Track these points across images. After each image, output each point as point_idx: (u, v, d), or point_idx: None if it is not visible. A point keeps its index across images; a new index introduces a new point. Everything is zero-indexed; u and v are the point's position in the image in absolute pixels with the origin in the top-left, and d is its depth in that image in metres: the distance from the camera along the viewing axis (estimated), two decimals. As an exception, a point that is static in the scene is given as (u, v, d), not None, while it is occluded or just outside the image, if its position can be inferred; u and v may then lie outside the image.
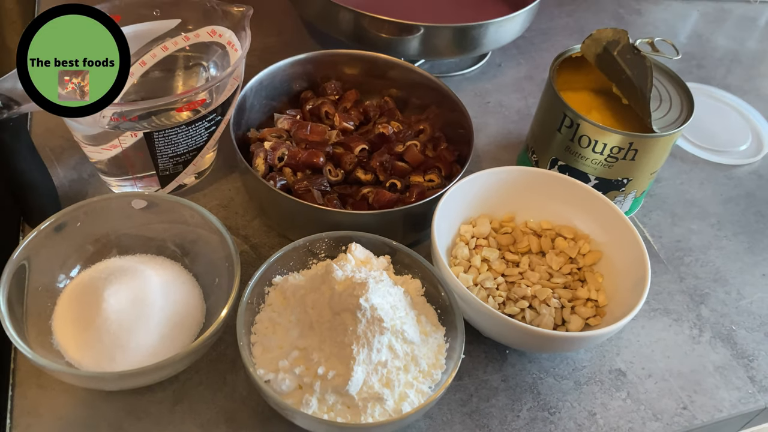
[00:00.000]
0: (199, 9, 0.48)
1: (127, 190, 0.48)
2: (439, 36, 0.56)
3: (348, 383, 0.35)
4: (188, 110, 0.43)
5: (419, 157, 0.48)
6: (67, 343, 0.38)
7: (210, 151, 0.48)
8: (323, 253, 0.42)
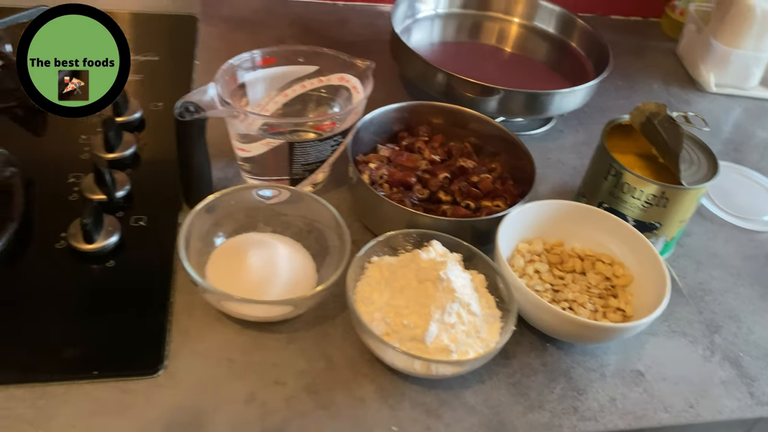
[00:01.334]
0: (333, 60, 0.63)
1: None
2: (515, 99, 0.70)
3: (425, 334, 0.46)
4: (321, 129, 0.57)
5: (490, 187, 0.61)
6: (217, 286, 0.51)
7: (327, 167, 0.61)
8: (410, 245, 0.54)
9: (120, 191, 0.58)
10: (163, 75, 0.75)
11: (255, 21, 0.89)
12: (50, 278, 0.52)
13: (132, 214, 0.57)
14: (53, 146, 0.64)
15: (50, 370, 0.46)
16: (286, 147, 0.57)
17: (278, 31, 0.88)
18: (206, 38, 0.83)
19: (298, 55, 0.63)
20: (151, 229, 0.57)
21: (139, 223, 0.57)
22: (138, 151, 0.63)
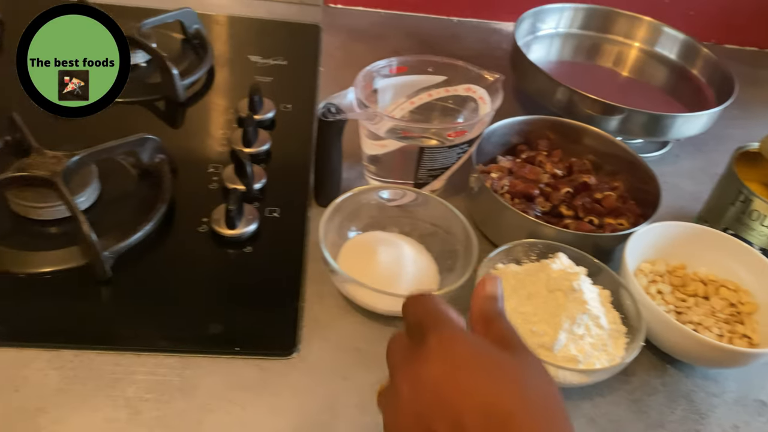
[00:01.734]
0: (462, 71, 0.65)
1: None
2: (637, 120, 0.70)
3: (554, 342, 0.47)
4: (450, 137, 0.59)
5: (614, 204, 0.61)
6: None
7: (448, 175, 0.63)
8: (534, 255, 0.55)
9: (257, 183, 0.61)
10: (290, 79, 0.79)
11: (373, 33, 0.92)
12: (193, 258, 0.55)
13: (266, 206, 0.60)
14: (193, 138, 0.68)
15: (196, 342, 0.49)
16: (416, 151, 0.59)
17: (395, 43, 0.91)
18: (328, 47, 0.87)
19: (429, 65, 0.65)
20: (284, 221, 0.60)
21: (273, 215, 0.60)
22: (271, 148, 0.66)
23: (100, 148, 0.57)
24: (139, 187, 0.60)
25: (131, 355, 0.47)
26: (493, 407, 0.29)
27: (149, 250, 0.55)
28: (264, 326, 0.51)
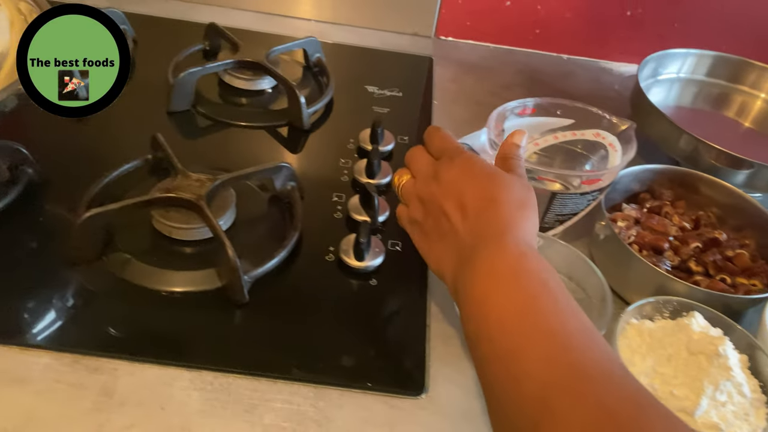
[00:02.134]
0: (591, 116, 0.64)
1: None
2: (765, 175, 0.67)
3: (696, 408, 0.46)
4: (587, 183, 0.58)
5: (748, 263, 0.59)
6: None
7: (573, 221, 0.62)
8: (667, 312, 0.54)
9: (381, 216, 0.62)
10: (406, 110, 0.80)
11: (484, 67, 0.93)
12: (321, 286, 0.56)
13: (389, 238, 0.61)
14: (315, 165, 0.70)
15: (329, 373, 0.50)
16: (546, 195, 0.58)
17: (506, 78, 0.91)
18: (440, 79, 0.88)
19: (558, 108, 0.65)
20: (406, 255, 0.60)
21: (396, 248, 0.60)
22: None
23: (240, 173, 0.59)
24: (269, 212, 0.62)
25: (267, 382, 0.48)
26: (487, 193, 0.47)
27: (279, 276, 0.56)
28: (393, 363, 0.51)
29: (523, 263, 0.42)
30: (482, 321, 0.41)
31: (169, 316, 0.52)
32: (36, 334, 0.49)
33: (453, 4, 0.93)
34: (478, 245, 0.45)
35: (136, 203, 0.54)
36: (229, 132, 0.73)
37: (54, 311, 0.51)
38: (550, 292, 0.40)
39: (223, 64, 0.74)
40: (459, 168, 0.49)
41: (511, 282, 0.41)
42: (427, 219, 0.50)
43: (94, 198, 0.58)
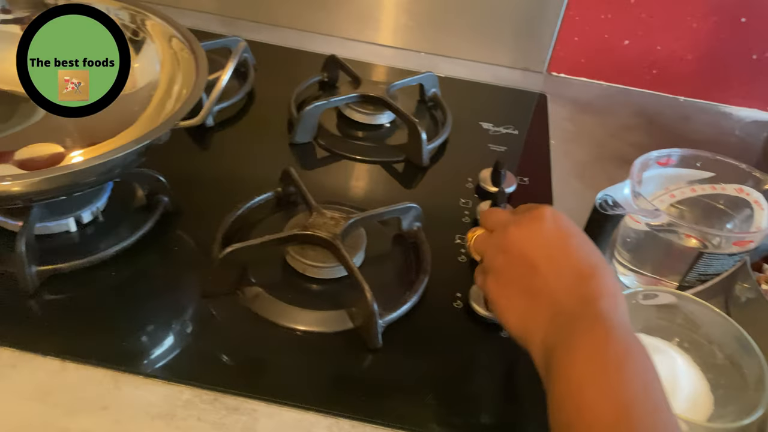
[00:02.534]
0: (732, 170, 0.61)
1: (634, 283, 0.61)
2: None
3: None
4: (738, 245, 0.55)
5: None
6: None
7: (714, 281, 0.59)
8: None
9: (509, 263, 0.60)
10: (523, 149, 0.78)
11: (599, 106, 0.90)
12: (450, 335, 0.55)
13: (517, 287, 0.59)
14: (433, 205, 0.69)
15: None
16: (692, 254, 0.56)
17: (623, 119, 0.88)
18: (555, 117, 0.86)
19: (698, 160, 0.62)
20: (535, 306, 0.58)
21: (524, 298, 0.58)
22: (517, 225, 0.65)
23: (372, 213, 0.58)
24: (394, 252, 0.61)
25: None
26: (590, 256, 0.43)
27: (408, 320, 0.55)
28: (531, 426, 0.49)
29: (629, 357, 0.37)
30: (574, 415, 0.36)
31: (303, 355, 0.51)
32: (176, 368, 0.49)
33: (568, 41, 0.91)
34: (581, 316, 0.40)
35: (275, 240, 0.54)
36: (346, 165, 0.73)
37: (191, 344, 0.51)
38: (649, 397, 0.36)
39: (346, 98, 0.74)
40: (551, 219, 0.44)
41: (613, 377, 0.36)
42: (508, 269, 0.45)
43: (228, 230, 0.58)
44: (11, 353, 0.48)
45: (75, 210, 0.55)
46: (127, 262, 0.55)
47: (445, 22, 0.93)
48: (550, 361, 0.39)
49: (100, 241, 0.56)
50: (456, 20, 0.92)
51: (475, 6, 0.90)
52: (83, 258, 0.53)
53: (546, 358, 0.40)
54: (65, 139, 0.58)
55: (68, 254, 0.54)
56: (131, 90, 0.57)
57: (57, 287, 0.53)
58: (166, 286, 0.55)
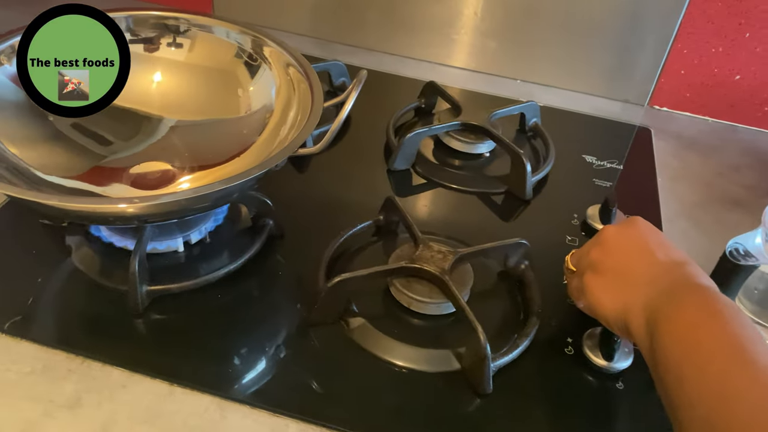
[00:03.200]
0: None
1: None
2: None
3: None
4: None
5: None
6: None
7: None
8: None
9: (623, 308, 0.57)
10: (628, 186, 0.74)
11: (705, 143, 0.86)
12: (561, 382, 0.52)
13: (630, 335, 0.56)
14: (537, 241, 0.66)
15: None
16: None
17: (732, 158, 0.83)
18: (661, 153, 0.82)
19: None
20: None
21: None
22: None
23: (480, 248, 0.56)
24: (499, 290, 0.59)
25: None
26: (679, 253, 0.45)
27: (516, 365, 0.52)
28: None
29: (739, 312, 0.39)
30: (689, 354, 0.37)
31: (405, 394, 0.49)
32: (281, 398, 0.48)
33: (674, 74, 0.88)
34: (682, 285, 0.42)
35: (382, 272, 0.53)
36: (444, 194, 0.71)
37: (294, 374, 0.50)
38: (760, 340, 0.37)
39: (448, 126, 0.73)
40: (643, 222, 0.49)
41: (725, 320, 0.37)
42: (603, 258, 0.47)
43: (332, 258, 0.57)
44: (121, 373, 0.48)
45: (185, 230, 0.55)
46: (233, 285, 0.55)
47: (541, 50, 0.90)
48: (656, 319, 0.40)
49: (207, 262, 0.56)
50: (553, 48, 0.90)
51: (574, 34, 0.87)
52: (192, 279, 0.53)
53: (649, 320, 0.41)
54: (176, 159, 0.58)
55: (176, 274, 0.54)
56: (245, 113, 0.57)
57: (165, 307, 0.53)
58: (271, 311, 0.54)
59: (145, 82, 0.56)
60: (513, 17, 0.88)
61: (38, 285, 0.53)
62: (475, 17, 0.89)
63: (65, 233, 0.56)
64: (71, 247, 0.56)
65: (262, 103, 0.57)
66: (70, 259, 0.55)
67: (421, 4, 0.90)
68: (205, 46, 0.59)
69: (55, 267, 0.55)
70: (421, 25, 0.92)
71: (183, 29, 0.58)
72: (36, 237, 0.57)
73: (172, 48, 0.57)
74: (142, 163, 0.58)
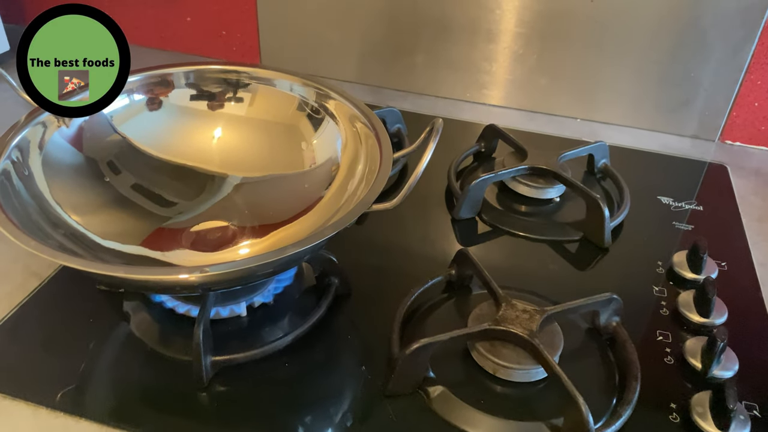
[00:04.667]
0: None
1: None
2: None
3: None
4: None
5: None
6: None
7: None
8: None
9: (730, 370, 0.51)
10: (712, 229, 0.69)
11: (788, 178, 0.80)
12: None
13: (741, 399, 0.50)
14: (622, 293, 0.60)
15: None
16: None
17: (819, 193, 0.77)
18: (741, 191, 0.76)
19: None
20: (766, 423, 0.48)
21: (753, 412, 0.49)
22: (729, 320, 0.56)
23: (569, 306, 0.51)
24: (589, 350, 0.53)
25: None
26: None
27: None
28: None
29: None
30: None
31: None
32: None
33: (748, 106, 0.83)
34: None
35: (465, 335, 0.48)
36: (512, 243, 0.67)
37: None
38: None
39: (515, 171, 0.69)
40: None
41: None
42: None
43: (404, 319, 0.53)
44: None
45: (250, 294, 0.51)
46: (299, 352, 0.51)
47: (601, 85, 0.86)
48: None
49: (271, 326, 0.52)
50: (614, 82, 0.86)
51: (636, 67, 0.83)
52: (258, 348, 0.49)
53: None
54: (235, 217, 0.55)
55: (240, 342, 0.50)
56: (310, 167, 0.54)
57: (229, 378, 0.49)
58: (341, 380, 0.50)
59: (205, 139, 0.54)
60: (570, 52, 0.84)
61: (94, 355, 0.50)
62: (530, 56, 0.86)
63: (123, 299, 0.53)
64: (129, 313, 0.53)
65: (327, 156, 0.54)
66: (128, 327, 0.52)
67: (468, 44, 0.87)
68: (267, 99, 0.56)
69: (112, 336, 0.52)
70: (471, 66, 0.89)
71: (244, 83, 0.55)
72: (92, 304, 0.55)
73: (233, 103, 0.55)
74: (201, 224, 0.55)
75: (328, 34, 0.92)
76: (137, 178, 0.51)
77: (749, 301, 0.59)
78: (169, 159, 0.52)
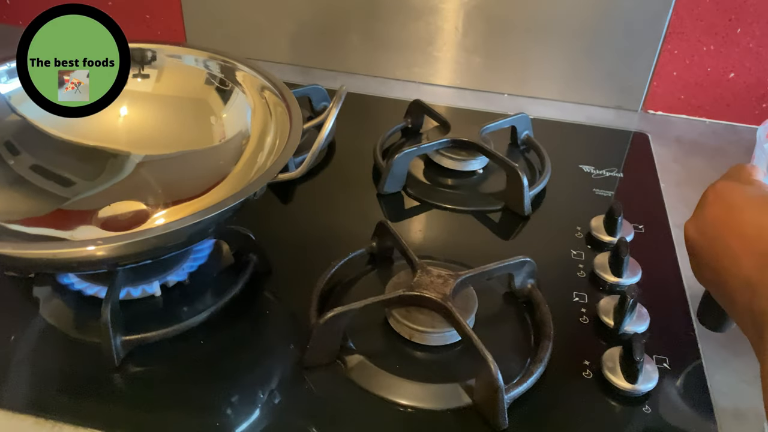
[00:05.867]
0: None
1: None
2: None
3: None
4: None
5: None
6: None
7: None
8: None
9: (641, 325, 0.53)
10: (631, 194, 0.71)
11: (707, 146, 0.82)
12: (581, 411, 0.47)
13: (653, 353, 0.51)
14: (541, 258, 0.60)
15: None
16: None
17: (736, 158, 0.80)
18: (661, 159, 0.78)
19: None
20: (675, 375, 0.50)
21: (663, 365, 0.51)
22: (643, 279, 0.58)
23: (482, 270, 0.52)
24: (506, 313, 0.54)
25: None
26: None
27: (531, 394, 0.47)
28: None
29: None
30: None
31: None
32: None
33: (667, 76, 0.85)
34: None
35: (379, 302, 0.48)
36: (438, 215, 0.67)
37: (288, 422, 0.45)
38: None
39: (437, 144, 0.69)
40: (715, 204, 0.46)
41: None
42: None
43: (322, 291, 0.53)
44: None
45: (162, 273, 0.50)
46: (217, 329, 0.50)
47: (526, 62, 0.87)
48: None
49: (188, 306, 0.52)
50: (538, 59, 0.87)
51: (559, 43, 0.85)
52: (171, 326, 0.48)
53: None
54: (149, 197, 0.54)
55: (154, 321, 0.49)
56: (220, 142, 0.53)
57: (144, 359, 0.48)
58: (259, 355, 0.50)
59: (111, 118, 0.52)
60: (495, 30, 0.85)
61: (4, 343, 0.49)
62: (456, 33, 0.87)
63: (33, 284, 0.52)
64: (39, 299, 0.51)
65: (237, 130, 0.53)
66: (39, 313, 0.51)
67: (399, 23, 0.87)
68: (174, 74, 0.55)
69: (23, 323, 0.51)
70: (403, 45, 0.89)
71: (149, 59, 0.54)
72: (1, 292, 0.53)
73: (139, 79, 0.54)
74: (112, 204, 0.54)
75: (255, 16, 0.90)
76: (37, 159, 0.49)
77: (664, 262, 0.61)
78: (71, 139, 0.51)
